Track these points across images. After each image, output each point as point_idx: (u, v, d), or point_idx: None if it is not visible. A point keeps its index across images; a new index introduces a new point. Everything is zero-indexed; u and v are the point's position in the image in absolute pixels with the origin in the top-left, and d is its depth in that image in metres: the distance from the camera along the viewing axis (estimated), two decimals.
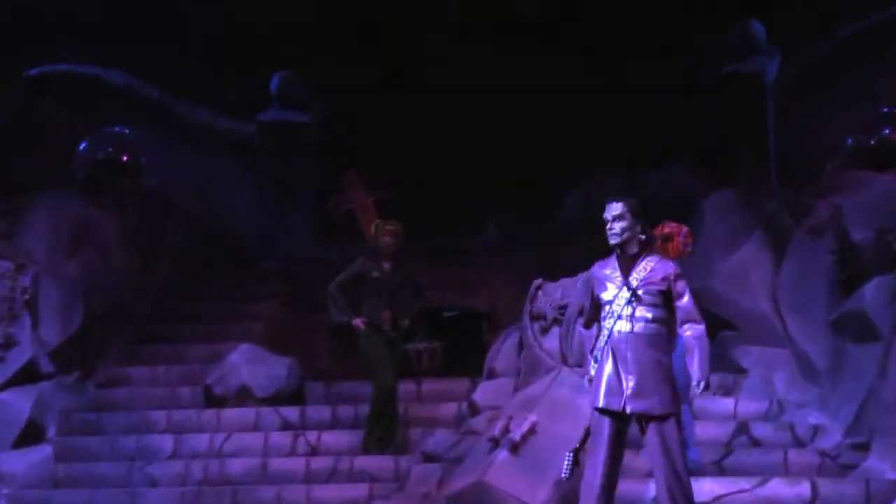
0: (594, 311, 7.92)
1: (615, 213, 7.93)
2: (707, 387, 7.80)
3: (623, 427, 7.78)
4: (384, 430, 11.54)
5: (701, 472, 10.07)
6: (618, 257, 7.90)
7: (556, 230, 15.35)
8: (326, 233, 16.50)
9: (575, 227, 14.31)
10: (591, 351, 7.86)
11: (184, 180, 16.67)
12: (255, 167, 16.77)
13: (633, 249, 7.90)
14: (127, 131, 15.79)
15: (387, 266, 11.68)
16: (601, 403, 7.69)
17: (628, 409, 7.69)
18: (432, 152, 16.20)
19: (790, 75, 15.07)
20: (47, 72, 16.09)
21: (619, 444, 7.76)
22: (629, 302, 7.75)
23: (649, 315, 7.74)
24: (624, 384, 7.67)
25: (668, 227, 10.14)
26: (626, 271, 7.82)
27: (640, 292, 7.72)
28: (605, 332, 7.77)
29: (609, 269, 7.87)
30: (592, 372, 7.83)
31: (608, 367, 7.73)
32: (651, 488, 9.42)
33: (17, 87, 15.48)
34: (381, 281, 11.60)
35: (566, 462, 7.80)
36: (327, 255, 15.30)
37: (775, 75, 14.96)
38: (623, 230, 7.88)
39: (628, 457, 10.48)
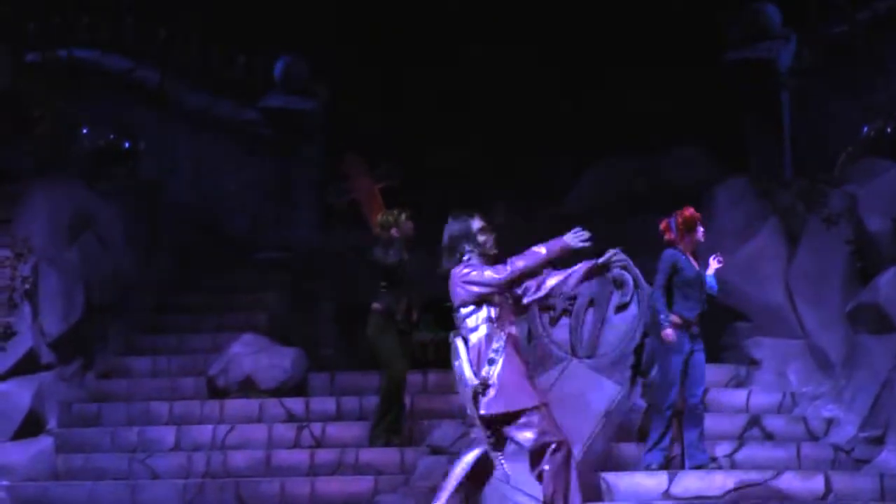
0: None
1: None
2: None
3: None
4: (391, 423, 11.40)
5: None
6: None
7: (566, 215, 15.20)
8: (330, 221, 16.37)
9: (586, 213, 14.17)
10: None
11: (184, 167, 16.56)
12: (256, 154, 16.63)
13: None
14: (126, 116, 15.66)
15: (406, 255, 11.53)
16: None
17: None
18: (437, 136, 16.09)
19: (806, 60, 14.89)
20: (44, 56, 15.97)
21: None
22: None
23: None
24: None
25: (690, 211, 10.08)
26: None
27: None
28: None
29: None
30: None
31: None
32: None
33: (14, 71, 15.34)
34: (402, 269, 11.42)
35: None
36: (330, 245, 15.19)
37: (790, 60, 14.79)
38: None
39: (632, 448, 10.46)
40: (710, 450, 10.32)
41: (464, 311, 7.65)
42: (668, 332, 9.85)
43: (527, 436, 7.48)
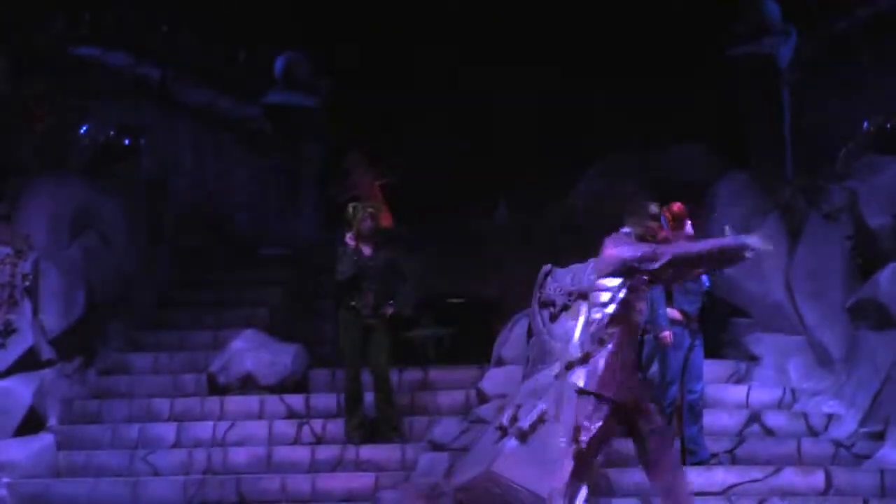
0: None
1: None
2: None
3: None
4: (376, 418, 11.46)
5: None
6: None
7: (569, 212, 15.20)
8: (331, 218, 16.37)
9: (589, 209, 14.18)
10: None
11: (185, 164, 16.57)
12: (258, 150, 16.63)
13: None
14: (128, 113, 15.66)
15: (367, 250, 11.43)
16: None
17: None
18: (441, 133, 16.08)
19: (806, 56, 14.89)
20: (46, 52, 15.96)
21: None
22: None
23: None
24: None
25: (678, 206, 10.06)
26: None
27: None
28: None
29: None
30: None
31: None
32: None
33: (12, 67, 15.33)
34: (363, 265, 11.34)
35: None
36: (332, 241, 15.18)
37: (790, 56, 14.79)
38: None
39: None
40: (711, 446, 10.31)
41: (605, 283, 7.57)
42: (667, 335, 9.85)
43: (590, 421, 7.54)
